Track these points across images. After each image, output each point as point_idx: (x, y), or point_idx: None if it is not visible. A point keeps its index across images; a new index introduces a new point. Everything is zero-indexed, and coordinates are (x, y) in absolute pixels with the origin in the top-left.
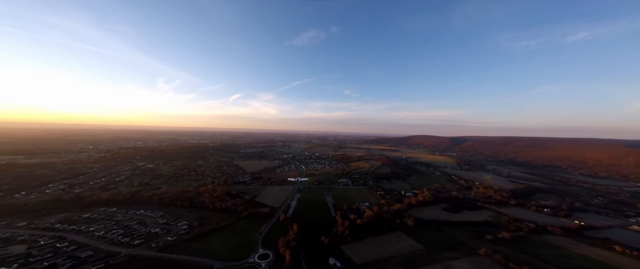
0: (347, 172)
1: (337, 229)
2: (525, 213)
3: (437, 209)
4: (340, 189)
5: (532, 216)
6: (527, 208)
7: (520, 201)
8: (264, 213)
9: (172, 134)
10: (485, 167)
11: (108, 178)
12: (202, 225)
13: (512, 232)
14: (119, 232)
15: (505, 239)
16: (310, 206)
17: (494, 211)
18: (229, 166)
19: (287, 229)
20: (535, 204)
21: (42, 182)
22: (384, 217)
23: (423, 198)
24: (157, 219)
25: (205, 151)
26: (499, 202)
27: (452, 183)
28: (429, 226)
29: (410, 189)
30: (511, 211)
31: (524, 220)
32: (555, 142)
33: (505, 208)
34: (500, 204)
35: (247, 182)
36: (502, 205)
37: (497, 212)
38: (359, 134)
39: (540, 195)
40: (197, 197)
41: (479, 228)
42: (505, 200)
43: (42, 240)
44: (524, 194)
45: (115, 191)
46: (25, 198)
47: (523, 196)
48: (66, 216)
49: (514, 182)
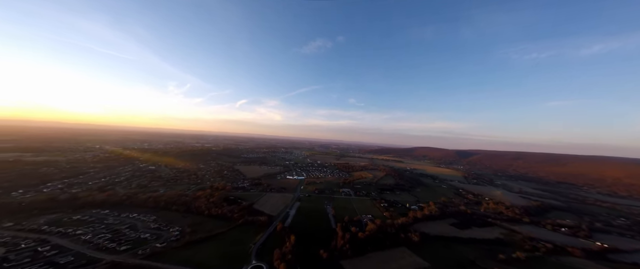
0: (349, 181)
1: (336, 242)
2: (541, 232)
3: (444, 225)
4: (342, 199)
5: (549, 236)
6: (542, 227)
7: (534, 218)
8: (261, 222)
9: (178, 136)
10: (494, 182)
11: (108, 179)
12: (195, 232)
13: (527, 252)
14: (107, 236)
15: (520, 260)
16: (310, 216)
17: (506, 229)
18: (229, 170)
19: (283, 240)
20: (551, 222)
21: (42, 181)
22: (387, 231)
23: (429, 212)
24: (148, 224)
25: (207, 154)
26: (511, 219)
27: (459, 197)
28: (436, 242)
29: (415, 202)
30: (525, 229)
31: (540, 239)
32: (569, 158)
33: (519, 226)
34: (512, 221)
35: (246, 188)
36: (514, 222)
37: (509, 229)
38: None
39: (555, 213)
40: (193, 202)
41: (490, 246)
42: (517, 217)
43: (23, 243)
44: (538, 212)
45: (111, 192)
46: (20, 197)
47: (537, 214)
48: (56, 217)
49: (526, 199)
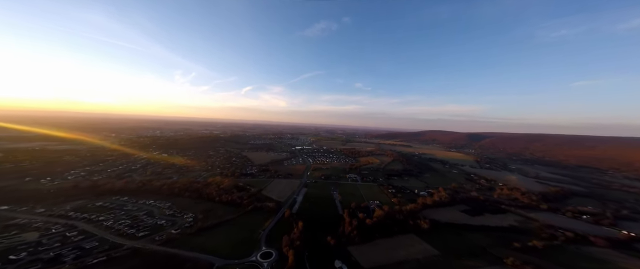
0: (356, 167)
1: (344, 228)
2: (560, 220)
3: (454, 211)
4: (348, 185)
5: (569, 223)
6: (562, 214)
7: (553, 205)
8: (269, 208)
9: (187, 124)
10: (508, 166)
11: (124, 166)
12: (207, 218)
13: (545, 240)
14: (126, 222)
15: (536, 248)
16: (317, 202)
17: (521, 216)
18: (238, 157)
19: (291, 226)
20: (571, 209)
21: (66, 169)
22: (395, 217)
23: (439, 198)
24: (164, 210)
25: (216, 141)
26: (526, 206)
27: (471, 183)
28: (446, 229)
29: (424, 188)
30: (542, 216)
31: (559, 227)
32: (596, 140)
33: (535, 213)
34: (528, 208)
35: (254, 175)
36: (530, 209)
37: (525, 217)
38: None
39: (576, 199)
40: (205, 189)
41: (504, 234)
42: (534, 204)
43: (54, 228)
44: (557, 198)
45: (128, 180)
46: (48, 184)
47: (556, 200)
48: (81, 203)
49: (543, 184)
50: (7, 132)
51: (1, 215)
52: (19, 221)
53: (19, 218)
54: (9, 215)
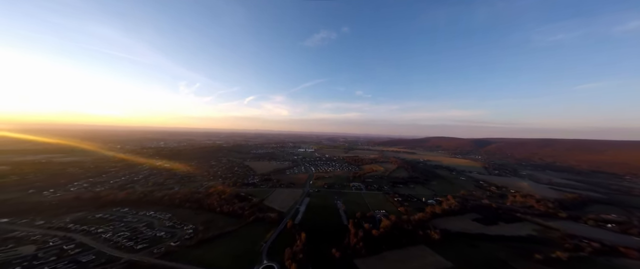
0: (360, 175)
1: (349, 240)
2: (582, 229)
3: (466, 220)
4: (353, 194)
5: (593, 233)
6: (583, 222)
7: (572, 213)
8: (271, 219)
9: (191, 134)
10: (518, 172)
11: (127, 177)
12: (207, 229)
13: (569, 251)
14: (125, 235)
15: (560, 261)
16: (320, 213)
17: (539, 225)
18: (240, 166)
19: (294, 237)
20: (593, 217)
21: (69, 180)
22: (403, 227)
23: (448, 207)
24: (164, 222)
25: (219, 151)
26: (543, 214)
27: (481, 190)
28: (459, 239)
29: (432, 196)
30: (562, 225)
31: (583, 237)
32: (607, 144)
33: (554, 221)
34: (545, 216)
35: (256, 184)
36: (548, 218)
37: (543, 226)
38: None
39: (596, 207)
40: (206, 199)
41: (523, 245)
42: (551, 212)
43: (51, 241)
44: (575, 206)
45: (130, 191)
46: (51, 196)
47: (574, 208)
48: (81, 215)
49: (558, 191)
50: (15, 146)
51: (0, 228)
52: (17, 233)
53: (17, 231)
54: (8, 228)
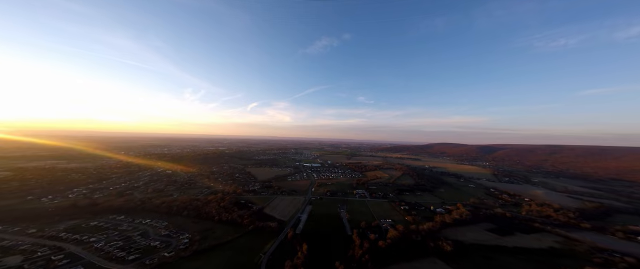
0: (363, 182)
1: (354, 252)
2: (610, 241)
3: (479, 230)
4: (356, 201)
5: (623, 246)
6: (610, 234)
7: (596, 224)
8: (271, 228)
9: (195, 141)
10: (530, 179)
11: (127, 183)
12: (204, 239)
13: (600, 267)
14: (118, 244)
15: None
16: (322, 222)
17: (560, 236)
18: (241, 173)
19: (295, 249)
20: (621, 229)
21: (69, 187)
22: (412, 238)
23: (459, 216)
24: (159, 230)
25: (221, 157)
26: (564, 224)
27: (492, 198)
28: (473, 252)
29: (440, 204)
30: (586, 236)
31: (614, 251)
32: (621, 151)
33: (577, 233)
34: (566, 227)
35: (257, 191)
36: (570, 228)
37: (565, 237)
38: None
39: (621, 217)
40: (204, 207)
41: (544, 258)
42: (573, 222)
43: (40, 251)
44: (598, 216)
45: (128, 197)
46: (49, 202)
47: (596, 218)
48: (75, 223)
49: (576, 199)
50: (24, 152)
51: None
52: (7, 243)
53: (7, 240)
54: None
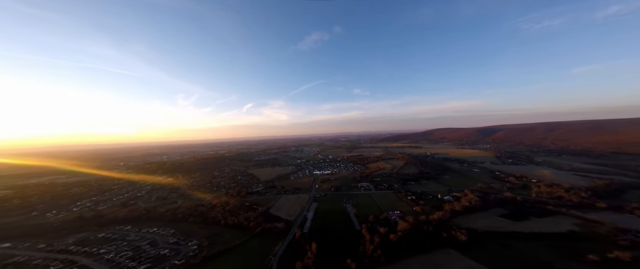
0: (367, 174)
1: (364, 247)
2: (631, 221)
3: (491, 217)
4: (362, 195)
5: None
6: (629, 213)
7: (611, 202)
8: (278, 229)
9: (193, 146)
10: (533, 159)
11: (130, 194)
12: (213, 244)
13: (629, 250)
14: (128, 254)
15: (621, 261)
16: (329, 218)
17: (577, 218)
18: (243, 175)
19: (304, 248)
20: (638, 206)
21: (72, 201)
22: (423, 229)
23: (468, 203)
24: (167, 238)
25: (221, 161)
26: (578, 205)
27: (499, 182)
28: (489, 239)
29: (447, 192)
30: (604, 216)
31: (638, 231)
32: (619, 123)
33: (594, 213)
34: (581, 207)
35: (260, 192)
36: (585, 209)
37: (583, 219)
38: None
39: (634, 193)
40: (210, 212)
41: (565, 243)
42: (586, 202)
43: (53, 265)
44: (611, 194)
45: (133, 207)
46: (53, 217)
47: (610, 196)
48: (83, 236)
49: (585, 177)
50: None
51: (1, 253)
52: (19, 258)
53: (18, 256)
54: (8, 253)
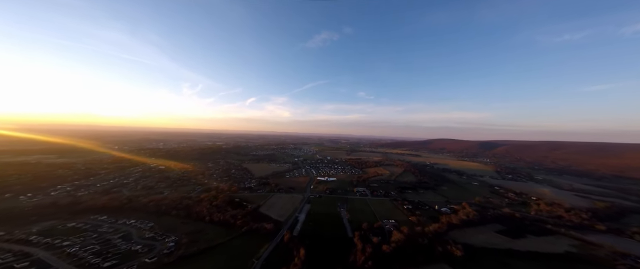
0: (364, 179)
1: (356, 257)
2: (631, 245)
3: (488, 232)
4: (357, 200)
5: None
6: (628, 237)
7: (610, 225)
8: (266, 229)
9: (192, 135)
10: (534, 176)
11: (116, 180)
12: (193, 242)
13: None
14: (95, 248)
15: None
16: (321, 222)
17: (575, 239)
18: (237, 169)
19: (292, 253)
20: (638, 231)
21: (53, 184)
22: (418, 242)
23: (466, 216)
24: (144, 232)
25: (217, 152)
26: (577, 226)
27: (498, 197)
28: (485, 256)
29: (444, 203)
30: (604, 239)
31: (638, 256)
32: (624, 148)
33: (593, 235)
34: (580, 228)
35: (252, 188)
36: (584, 230)
37: (580, 240)
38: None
39: (635, 217)
40: (196, 206)
41: (562, 264)
42: (586, 223)
43: (2, 257)
44: (610, 216)
45: (113, 196)
46: (27, 201)
47: (610, 219)
48: (51, 224)
49: (585, 198)
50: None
51: None
52: None
53: None
54: None
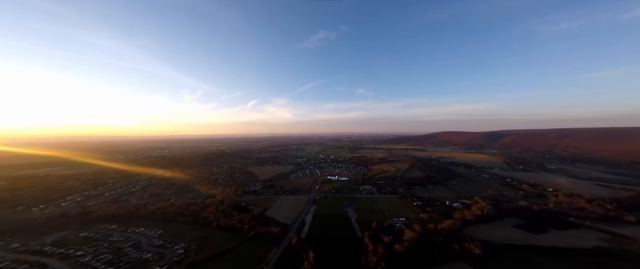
0: (369, 177)
1: (367, 258)
2: None
3: (505, 227)
4: (364, 199)
5: None
6: None
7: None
8: (274, 233)
9: (195, 142)
10: (546, 166)
11: (123, 189)
12: (201, 248)
13: None
14: (107, 257)
15: None
16: (329, 223)
17: (603, 232)
18: (242, 172)
19: (300, 257)
20: None
21: (63, 195)
22: (431, 240)
23: (480, 211)
24: (153, 240)
25: (221, 157)
26: (603, 217)
27: (511, 189)
28: (506, 253)
29: (456, 199)
30: (635, 232)
31: None
32: (635, 132)
33: (622, 227)
34: (606, 220)
35: (258, 192)
36: (612, 222)
37: (609, 233)
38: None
39: None
40: (202, 212)
41: (594, 260)
42: (613, 215)
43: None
44: (637, 206)
45: (121, 205)
46: (39, 212)
47: (637, 209)
48: (63, 235)
49: (605, 187)
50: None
51: None
52: None
53: None
54: None
